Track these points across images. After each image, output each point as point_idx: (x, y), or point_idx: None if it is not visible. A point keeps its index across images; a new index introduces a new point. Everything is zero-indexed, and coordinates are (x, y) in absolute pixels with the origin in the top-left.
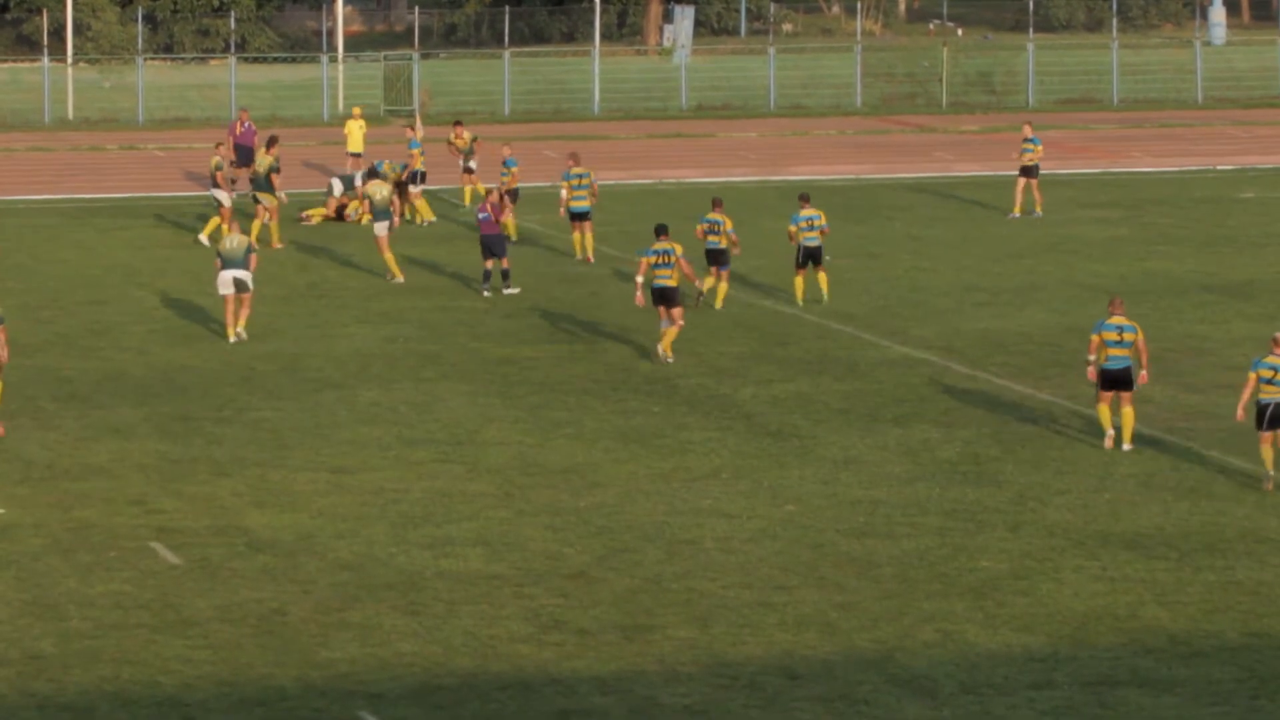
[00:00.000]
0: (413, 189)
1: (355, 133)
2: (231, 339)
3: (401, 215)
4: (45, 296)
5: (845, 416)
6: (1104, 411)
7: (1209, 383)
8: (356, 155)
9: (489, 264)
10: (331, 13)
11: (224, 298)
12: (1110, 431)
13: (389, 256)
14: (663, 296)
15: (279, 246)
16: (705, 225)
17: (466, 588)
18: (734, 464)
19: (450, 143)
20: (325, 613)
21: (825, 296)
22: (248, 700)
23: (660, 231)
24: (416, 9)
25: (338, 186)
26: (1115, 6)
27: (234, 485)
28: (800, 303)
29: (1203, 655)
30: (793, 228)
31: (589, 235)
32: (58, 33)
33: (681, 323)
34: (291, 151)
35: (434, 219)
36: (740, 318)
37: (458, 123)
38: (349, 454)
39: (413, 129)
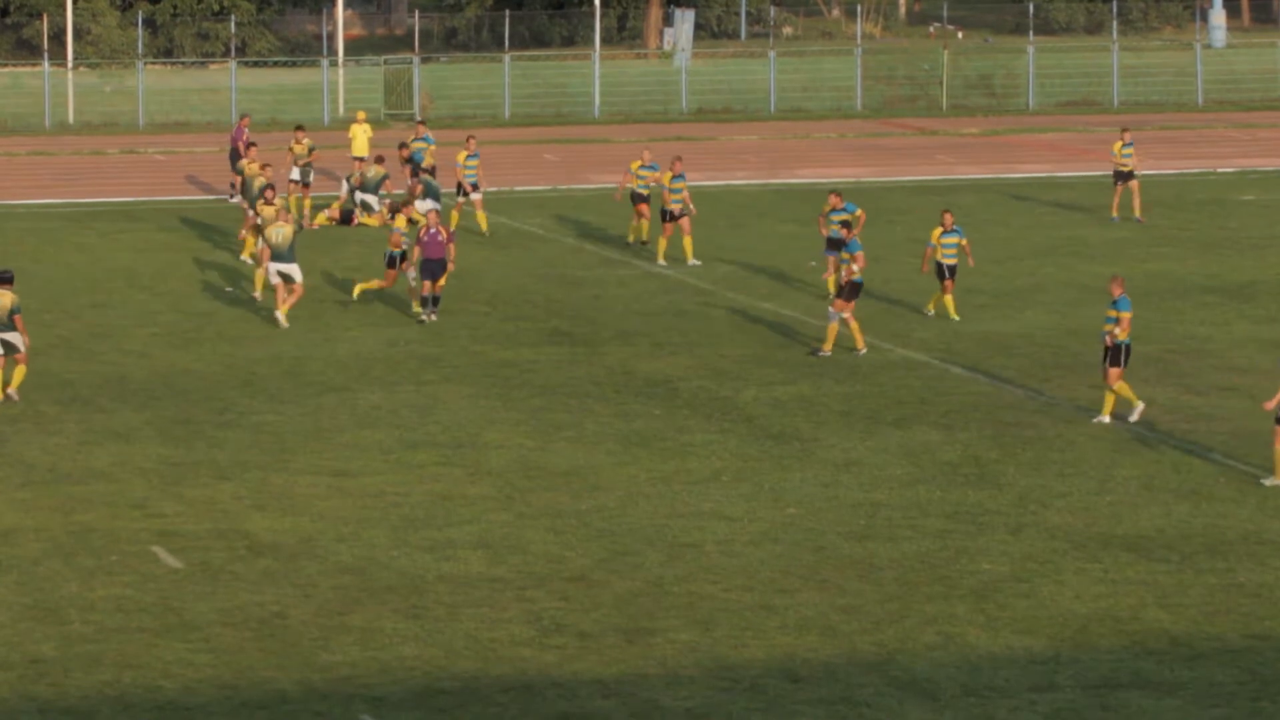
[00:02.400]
0: (473, 197)
1: (360, 137)
2: (283, 325)
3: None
4: (47, 300)
5: (846, 419)
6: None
7: (1210, 384)
8: (360, 159)
9: (426, 288)
10: (332, 16)
11: (274, 286)
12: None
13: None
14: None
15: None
16: (835, 218)
17: (468, 591)
18: (735, 467)
19: (290, 149)
20: (326, 616)
21: (955, 316)
22: (249, 704)
23: None
24: (417, 13)
25: (375, 204)
26: (1115, 9)
27: (235, 489)
28: (932, 311)
29: (1204, 657)
30: (928, 250)
31: (687, 239)
32: (58, 37)
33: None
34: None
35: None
36: (741, 320)
37: (299, 127)
38: (350, 457)
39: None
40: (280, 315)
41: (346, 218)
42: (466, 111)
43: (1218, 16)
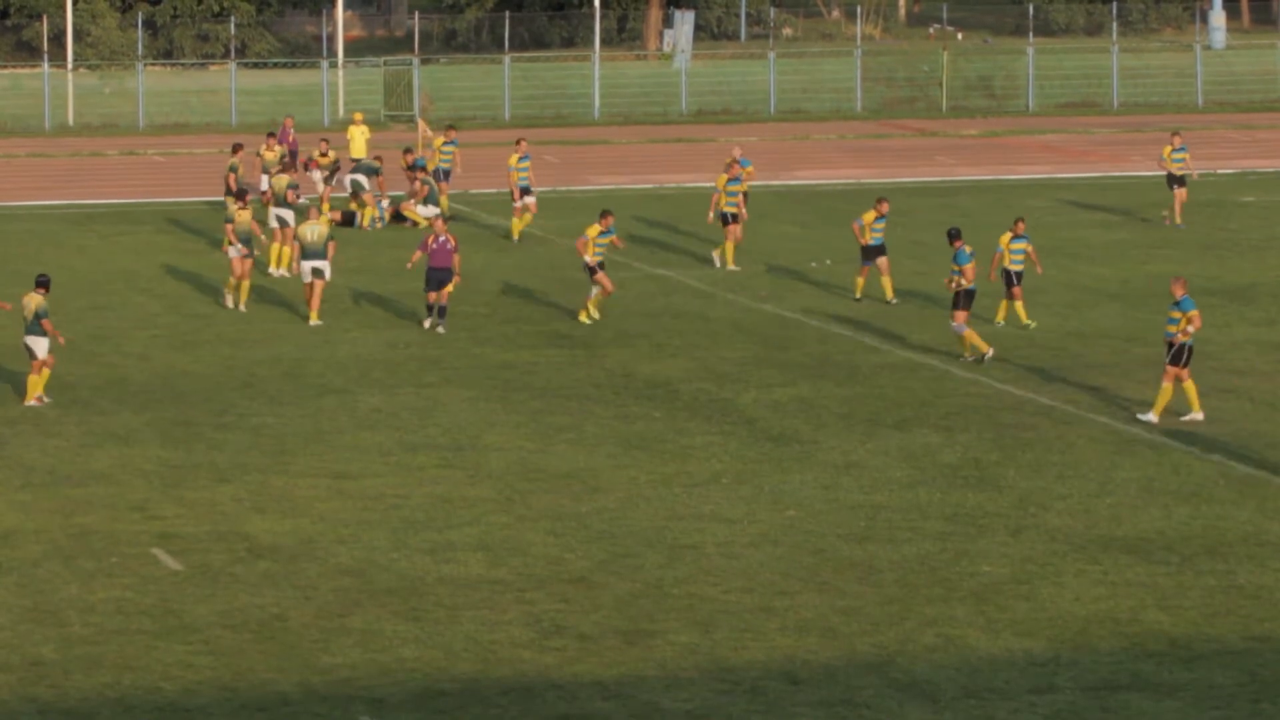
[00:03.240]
0: (527, 200)
1: (358, 138)
2: (312, 322)
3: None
4: (47, 302)
5: (846, 421)
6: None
7: (1210, 386)
8: (358, 160)
9: (432, 296)
10: (331, 18)
11: (306, 285)
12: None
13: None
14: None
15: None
16: (873, 218)
17: (468, 593)
18: (735, 469)
19: (259, 155)
20: (326, 618)
21: (1027, 321)
22: (249, 705)
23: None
24: (416, 14)
25: (364, 182)
26: (1115, 10)
27: (235, 491)
28: (1002, 321)
29: (1204, 659)
30: (996, 255)
31: (731, 241)
32: (58, 38)
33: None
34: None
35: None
36: (741, 322)
37: (270, 135)
38: (350, 459)
39: (430, 132)
40: (315, 320)
41: (349, 219)
42: (466, 113)
43: (1217, 18)
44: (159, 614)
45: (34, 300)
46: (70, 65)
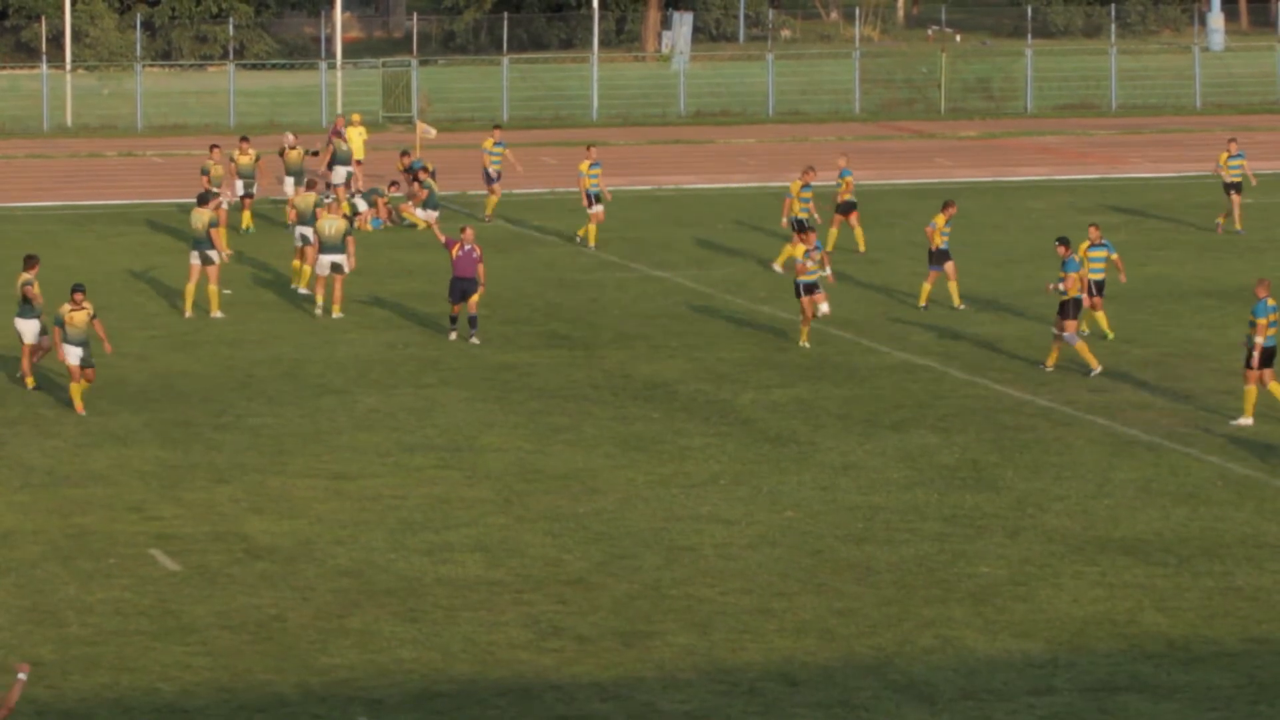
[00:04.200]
0: (596, 209)
1: (355, 140)
2: (318, 313)
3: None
4: (45, 303)
5: (844, 422)
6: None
7: (1208, 388)
8: (357, 162)
9: (457, 308)
10: (330, 19)
11: (319, 278)
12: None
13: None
14: None
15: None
16: (944, 221)
17: (466, 594)
18: (733, 470)
19: (233, 160)
20: (324, 619)
21: (1107, 330)
22: (247, 706)
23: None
24: (415, 15)
25: (361, 205)
26: (1113, 12)
27: (233, 491)
28: (1086, 330)
29: (1202, 661)
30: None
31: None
32: (56, 39)
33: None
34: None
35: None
36: (739, 323)
37: (244, 139)
38: (348, 460)
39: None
40: (337, 312)
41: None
42: (464, 114)
43: (1215, 20)
44: (157, 615)
45: (85, 313)
46: (69, 66)
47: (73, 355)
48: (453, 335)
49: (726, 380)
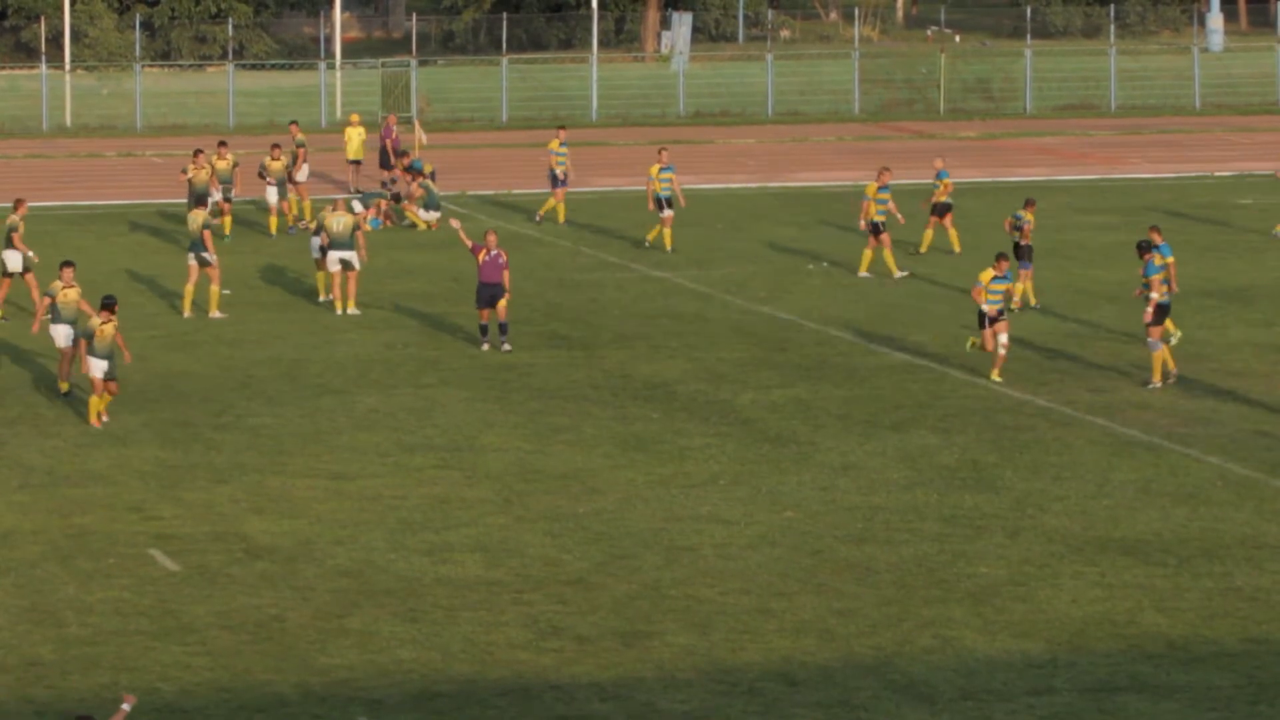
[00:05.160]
0: (666, 213)
1: (354, 139)
2: (339, 312)
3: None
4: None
5: (844, 422)
6: None
7: (1207, 388)
8: (356, 162)
9: (486, 314)
10: (329, 19)
11: (331, 274)
12: None
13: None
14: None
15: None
16: (1014, 220)
17: (465, 594)
18: (732, 470)
19: (212, 164)
20: (324, 619)
21: (1173, 331)
22: (246, 707)
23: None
24: (414, 16)
25: (357, 206)
26: (1113, 13)
27: (233, 492)
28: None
29: (1201, 661)
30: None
31: (888, 252)
32: (56, 40)
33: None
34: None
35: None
36: (739, 324)
37: (222, 143)
38: (348, 460)
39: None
40: (351, 306)
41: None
42: (464, 115)
43: (1215, 20)
44: (156, 615)
45: (110, 325)
46: (68, 66)
47: (97, 368)
48: (484, 346)
49: (726, 380)
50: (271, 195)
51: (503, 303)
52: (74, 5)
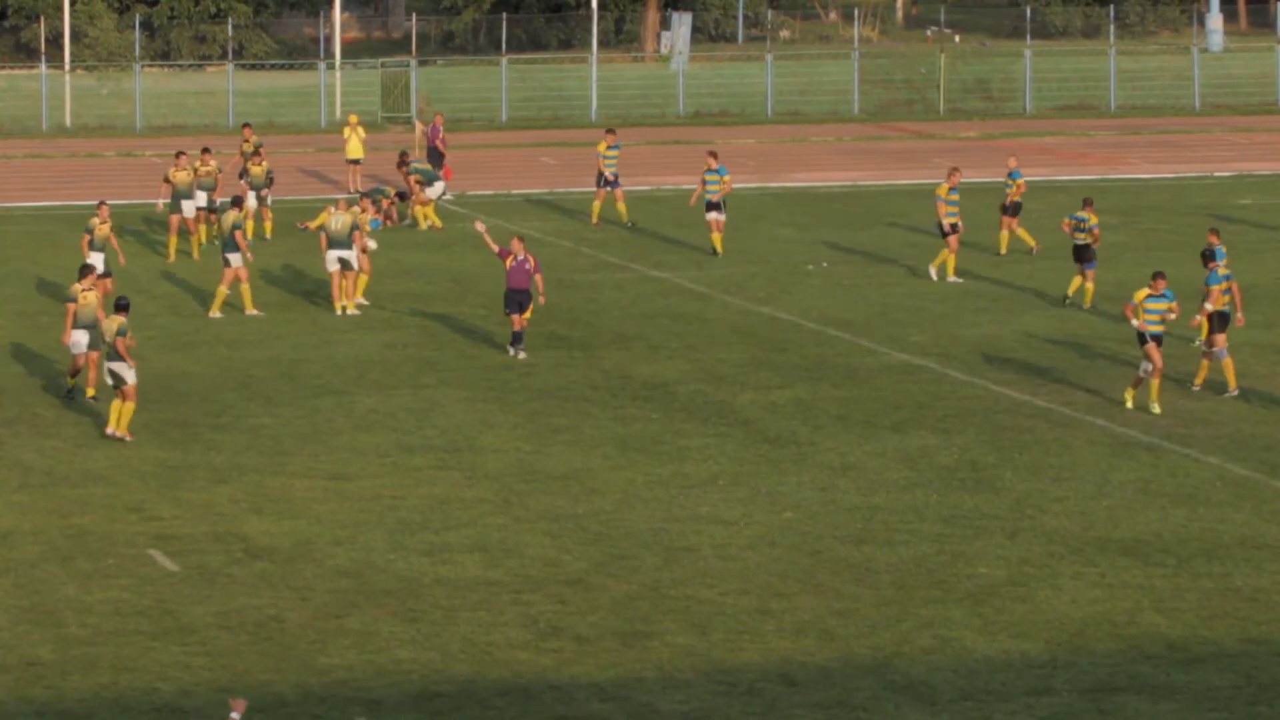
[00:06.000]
0: (714, 216)
1: (353, 140)
2: (337, 311)
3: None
4: (43, 303)
5: (843, 423)
6: None
7: (1208, 388)
8: (355, 162)
9: (516, 321)
10: (329, 19)
11: (330, 274)
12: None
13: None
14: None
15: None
16: (1073, 222)
17: (464, 594)
18: (732, 471)
19: (194, 170)
20: (323, 619)
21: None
22: (246, 707)
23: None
24: (414, 16)
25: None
26: (1112, 13)
27: (232, 492)
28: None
29: (1201, 662)
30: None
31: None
32: (55, 40)
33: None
34: (289, 158)
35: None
36: (738, 324)
37: (205, 150)
38: (347, 461)
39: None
40: (350, 306)
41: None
42: (463, 115)
43: (1214, 20)
44: (156, 615)
45: (114, 321)
46: (68, 66)
47: (128, 374)
48: (521, 355)
49: (725, 381)
50: (251, 201)
51: (528, 312)
52: (74, 5)
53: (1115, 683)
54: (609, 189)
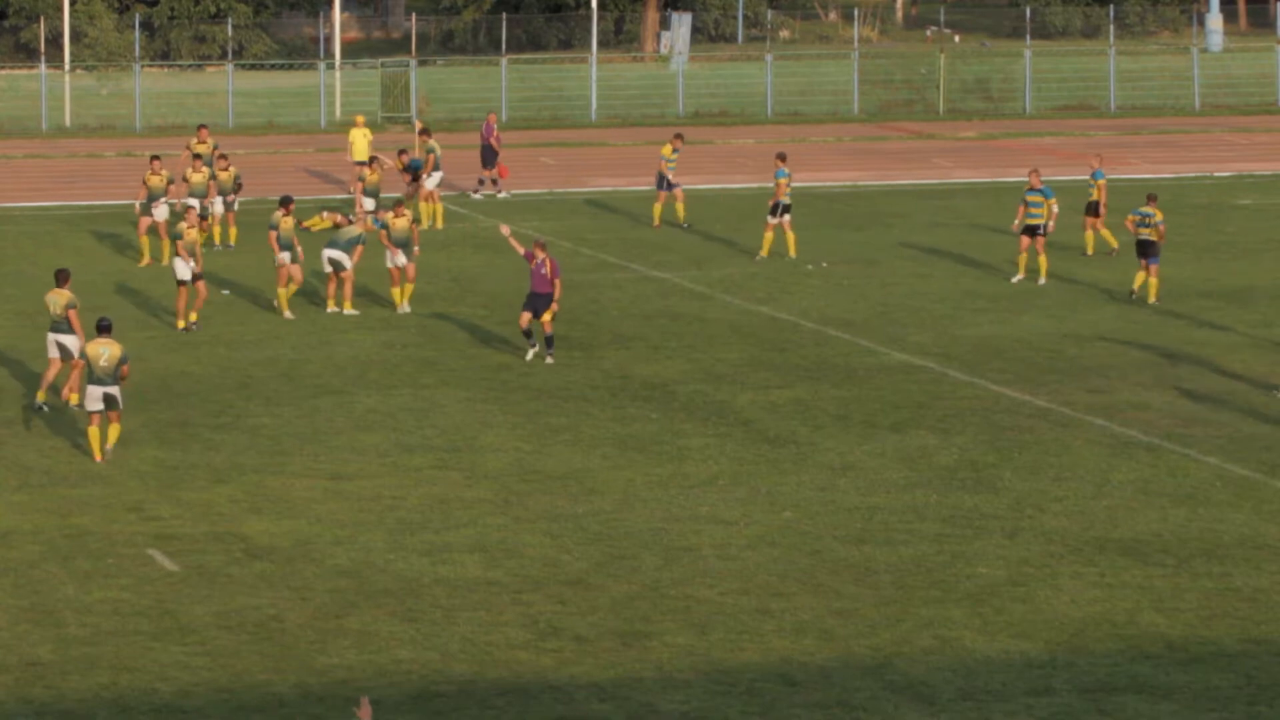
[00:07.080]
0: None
1: (359, 141)
2: (329, 310)
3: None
4: (43, 303)
5: (843, 423)
6: None
7: (1206, 389)
8: (361, 163)
9: (525, 319)
10: (329, 19)
11: (329, 274)
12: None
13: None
14: None
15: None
16: (1137, 218)
17: (464, 594)
18: (731, 470)
19: (188, 175)
20: (323, 619)
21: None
22: (245, 707)
23: None
24: (414, 16)
25: (369, 204)
26: (1112, 13)
27: (231, 492)
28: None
29: (1201, 662)
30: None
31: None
32: (55, 40)
33: None
34: (288, 158)
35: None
36: (738, 324)
37: (192, 153)
38: (347, 460)
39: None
40: (345, 309)
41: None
42: (463, 115)
43: (1214, 21)
44: (155, 615)
45: (116, 348)
46: (67, 66)
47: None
48: (532, 351)
49: (725, 381)
50: (218, 207)
51: (547, 315)
52: (73, 5)
53: (1115, 683)
54: (669, 190)
